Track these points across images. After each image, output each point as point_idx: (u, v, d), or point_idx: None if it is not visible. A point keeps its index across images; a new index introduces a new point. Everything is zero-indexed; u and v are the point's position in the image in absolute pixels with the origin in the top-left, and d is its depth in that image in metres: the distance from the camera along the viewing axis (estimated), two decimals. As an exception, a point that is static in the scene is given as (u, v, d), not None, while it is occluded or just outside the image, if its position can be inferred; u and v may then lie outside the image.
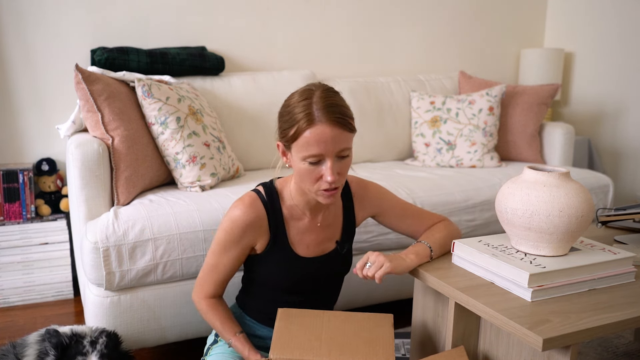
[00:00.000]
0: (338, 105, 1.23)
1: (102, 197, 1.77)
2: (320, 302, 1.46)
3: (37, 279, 2.30)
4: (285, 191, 1.37)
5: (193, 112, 1.98)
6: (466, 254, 1.37)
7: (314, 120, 1.19)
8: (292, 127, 1.22)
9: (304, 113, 1.20)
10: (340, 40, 2.93)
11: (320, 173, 1.23)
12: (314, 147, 1.20)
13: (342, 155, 1.24)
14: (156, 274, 1.65)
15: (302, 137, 1.20)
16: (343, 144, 1.23)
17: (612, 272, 1.28)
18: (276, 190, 1.37)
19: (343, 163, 1.25)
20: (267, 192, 1.36)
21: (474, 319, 1.32)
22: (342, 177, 1.27)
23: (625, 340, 1.94)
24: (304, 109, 1.20)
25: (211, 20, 2.63)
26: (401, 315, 2.13)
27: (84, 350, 1.39)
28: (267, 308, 1.43)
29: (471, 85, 2.82)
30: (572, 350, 1.08)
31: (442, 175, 2.30)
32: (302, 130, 1.20)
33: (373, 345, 1.26)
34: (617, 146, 3.13)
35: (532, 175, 1.30)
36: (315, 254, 1.40)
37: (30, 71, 2.37)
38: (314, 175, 1.24)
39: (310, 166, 1.23)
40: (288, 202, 1.37)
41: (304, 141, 1.20)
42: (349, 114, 1.25)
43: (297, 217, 1.37)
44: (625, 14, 3.05)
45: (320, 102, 1.21)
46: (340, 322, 1.31)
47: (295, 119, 1.21)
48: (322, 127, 1.19)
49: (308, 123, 1.19)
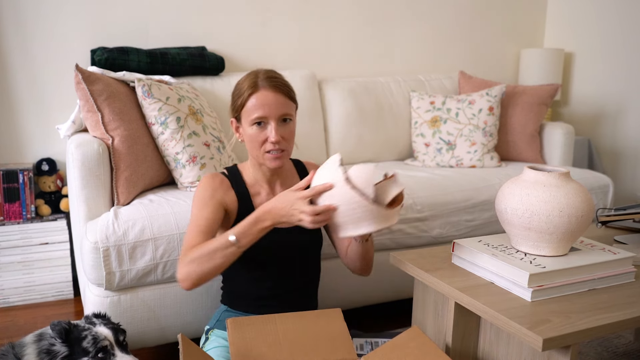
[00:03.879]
0: (279, 77, 1.41)
1: (102, 197, 1.77)
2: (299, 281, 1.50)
3: (38, 279, 2.30)
4: (244, 170, 1.51)
5: (193, 112, 1.98)
6: (466, 254, 1.37)
7: (257, 87, 1.37)
8: (239, 97, 1.40)
9: (250, 83, 1.38)
10: (340, 40, 2.93)
11: (265, 136, 1.38)
12: (259, 109, 1.36)
13: (285, 119, 1.39)
14: (156, 274, 1.65)
15: (248, 103, 1.37)
16: (285, 109, 1.38)
17: (612, 272, 1.29)
18: (237, 169, 1.52)
19: (286, 128, 1.40)
20: (229, 170, 1.51)
21: (474, 319, 1.33)
22: (287, 143, 1.40)
23: (625, 340, 1.94)
24: (250, 81, 1.39)
25: (211, 20, 2.63)
26: (401, 315, 2.14)
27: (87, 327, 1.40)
28: (249, 290, 1.48)
29: (471, 85, 2.82)
30: (572, 350, 1.08)
31: (442, 175, 2.30)
32: (248, 96, 1.37)
33: (332, 341, 1.27)
34: (617, 146, 3.13)
35: (532, 175, 1.30)
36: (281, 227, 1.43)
37: (31, 71, 2.37)
38: (260, 138, 1.38)
39: (257, 129, 1.38)
40: (248, 179, 1.49)
41: (250, 106, 1.37)
42: (290, 87, 1.43)
43: (257, 191, 1.49)
44: (626, 14, 3.05)
45: (264, 74, 1.40)
46: (292, 324, 1.31)
47: (242, 90, 1.39)
48: (265, 91, 1.37)
49: (253, 90, 1.37)
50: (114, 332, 1.41)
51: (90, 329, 1.39)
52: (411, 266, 1.41)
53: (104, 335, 1.38)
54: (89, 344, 1.36)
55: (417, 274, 1.39)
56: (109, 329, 1.41)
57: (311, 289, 1.57)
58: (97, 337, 1.37)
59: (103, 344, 1.37)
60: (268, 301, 1.48)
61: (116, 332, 1.42)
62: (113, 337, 1.40)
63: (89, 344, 1.36)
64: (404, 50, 3.10)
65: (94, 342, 1.37)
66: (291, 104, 1.41)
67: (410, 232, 2.00)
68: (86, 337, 1.37)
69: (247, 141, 1.41)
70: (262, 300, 1.48)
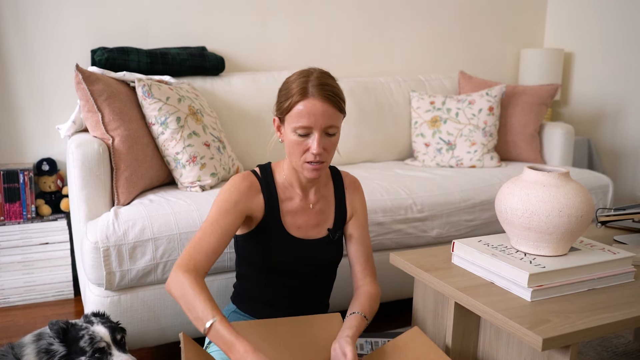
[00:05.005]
0: (331, 85, 1.33)
1: (102, 197, 1.77)
2: (312, 290, 1.48)
3: (38, 279, 2.30)
4: (278, 170, 1.45)
5: (193, 112, 1.98)
6: (466, 254, 1.37)
7: (307, 94, 1.29)
8: (287, 100, 1.32)
9: (299, 88, 1.30)
10: (340, 40, 2.93)
11: (307, 145, 1.32)
12: (305, 118, 1.29)
13: (330, 133, 1.33)
14: (156, 273, 1.65)
15: (295, 109, 1.30)
16: (331, 121, 1.31)
17: (612, 272, 1.29)
18: (271, 169, 1.45)
19: (329, 140, 1.33)
20: (261, 170, 1.45)
21: (474, 319, 1.33)
22: (328, 154, 1.35)
23: (625, 340, 1.94)
24: (300, 85, 1.31)
25: (211, 20, 2.63)
26: (401, 315, 2.14)
27: (84, 326, 1.40)
28: (262, 294, 1.45)
29: (471, 85, 2.82)
30: (571, 350, 1.08)
31: (442, 175, 2.30)
32: (296, 102, 1.30)
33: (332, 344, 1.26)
34: (617, 146, 3.13)
35: (531, 175, 1.30)
36: (307, 237, 1.44)
37: (31, 71, 2.37)
38: (302, 147, 1.32)
39: (299, 138, 1.31)
40: (280, 180, 1.44)
41: (296, 112, 1.29)
42: (341, 96, 1.35)
43: (289, 196, 1.43)
44: (625, 14, 3.05)
45: (315, 80, 1.31)
46: (290, 328, 1.30)
47: (290, 92, 1.31)
48: (313, 100, 1.29)
49: (301, 96, 1.29)
50: (111, 331, 1.41)
51: (87, 328, 1.39)
52: (411, 266, 1.42)
53: (100, 336, 1.39)
54: (86, 343, 1.37)
55: (417, 274, 1.40)
56: (106, 327, 1.41)
57: (324, 297, 1.55)
58: (94, 337, 1.38)
59: (99, 345, 1.37)
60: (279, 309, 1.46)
61: (113, 330, 1.42)
62: (110, 336, 1.40)
63: (86, 344, 1.37)
64: (404, 50, 3.10)
65: (90, 342, 1.37)
66: (339, 115, 1.34)
67: (410, 232, 2.00)
68: (83, 337, 1.37)
69: (287, 145, 1.35)
70: (274, 307, 1.46)
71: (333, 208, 1.49)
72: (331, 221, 1.48)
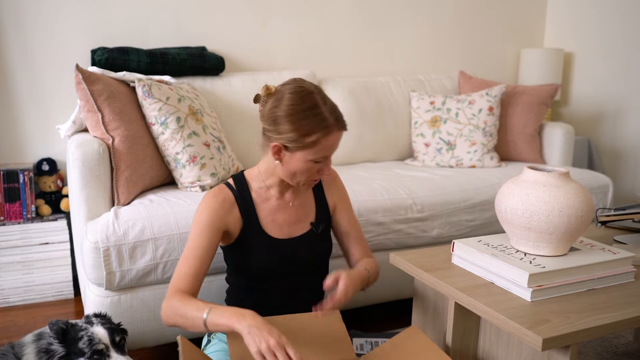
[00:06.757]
0: (337, 108, 1.33)
1: (102, 197, 1.77)
2: (308, 287, 1.48)
3: (38, 279, 2.30)
4: (252, 177, 1.45)
5: (193, 112, 1.98)
6: (466, 254, 1.37)
7: (330, 129, 1.29)
8: (309, 135, 1.28)
9: (323, 124, 1.28)
10: (340, 40, 2.93)
11: (317, 168, 1.34)
12: (328, 150, 1.31)
13: None
14: (156, 273, 1.65)
15: (320, 145, 1.29)
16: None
17: (612, 272, 1.29)
18: (244, 177, 1.45)
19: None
20: (235, 181, 1.44)
21: (474, 319, 1.33)
22: None
23: (625, 340, 1.95)
24: (321, 121, 1.28)
25: (211, 20, 2.63)
26: (401, 315, 2.14)
27: (84, 327, 1.40)
28: (258, 299, 1.44)
29: (471, 85, 2.82)
30: (571, 350, 1.08)
31: (442, 175, 2.30)
32: (321, 139, 1.28)
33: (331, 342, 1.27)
34: (617, 146, 3.13)
35: (531, 175, 1.30)
36: (289, 236, 1.44)
37: (31, 71, 2.37)
38: (312, 171, 1.34)
39: (314, 164, 1.32)
40: (255, 186, 1.43)
41: (320, 148, 1.30)
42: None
43: (265, 197, 1.43)
44: (626, 14, 3.05)
45: (329, 110, 1.29)
46: (292, 326, 1.30)
47: (312, 128, 1.27)
48: (336, 134, 1.31)
49: (327, 131, 1.28)
50: (110, 332, 1.41)
51: (87, 329, 1.39)
52: (411, 266, 1.42)
53: (99, 338, 1.38)
54: (84, 344, 1.37)
55: (417, 274, 1.40)
56: (105, 329, 1.41)
57: (320, 295, 1.53)
58: (92, 338, 1.38)
59: (98, 347, 1.37)
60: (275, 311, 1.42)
61: (113, 332, 1.42)
62: (109, 338, 1.40)
63: (85, 345, 1.37)
64: (404, 50, 3.10)
65: (89, 343, 1.37)
66: None
67: (410, 232, 2.00)
68: (82, 338, 1.37)
69: (293, 169, 1.33)
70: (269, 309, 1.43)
71: (313, 201, 1.50)
72: (313, 214, 1.48)
